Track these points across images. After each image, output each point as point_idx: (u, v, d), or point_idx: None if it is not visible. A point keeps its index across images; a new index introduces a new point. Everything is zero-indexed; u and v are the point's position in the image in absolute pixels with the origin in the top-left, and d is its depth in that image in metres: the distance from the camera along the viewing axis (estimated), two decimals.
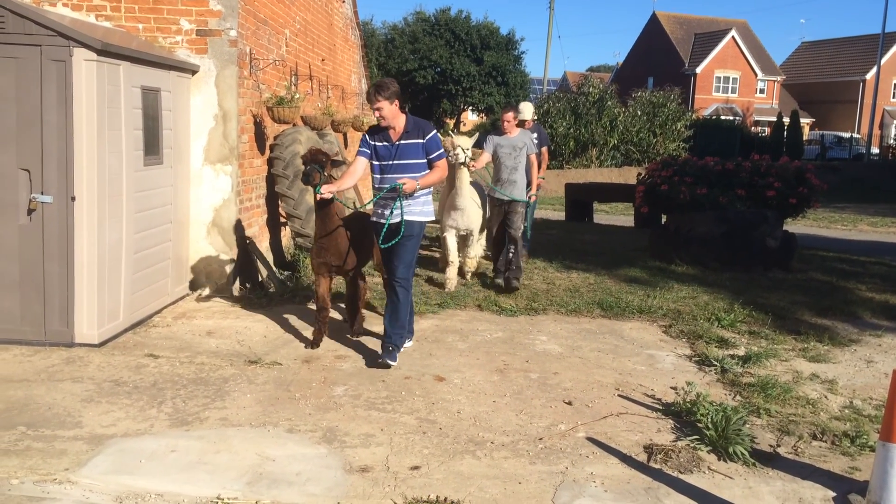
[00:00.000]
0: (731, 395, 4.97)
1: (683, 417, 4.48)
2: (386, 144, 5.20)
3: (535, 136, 8.48)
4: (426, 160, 5.23)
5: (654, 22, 50.19)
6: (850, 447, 4.13)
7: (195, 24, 6.80)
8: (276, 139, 7.93)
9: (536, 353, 5.75)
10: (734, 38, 46.46)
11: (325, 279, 5.69)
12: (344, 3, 12.31)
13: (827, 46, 51.84)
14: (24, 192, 5.27)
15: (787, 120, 35.28)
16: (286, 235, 8.71)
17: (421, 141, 5.19)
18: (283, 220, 8.41)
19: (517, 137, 7.67)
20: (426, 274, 8.32)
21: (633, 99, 30.02)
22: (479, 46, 39.35)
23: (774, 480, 3.77)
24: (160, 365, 5.14)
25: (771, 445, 4.16)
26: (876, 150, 40.51)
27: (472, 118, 49.77)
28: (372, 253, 6.01)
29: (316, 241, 5.61)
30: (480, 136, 8.37)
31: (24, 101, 5.19)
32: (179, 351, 5.47)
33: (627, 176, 24.14)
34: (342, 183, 5.31)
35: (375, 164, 5.28)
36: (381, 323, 5.62)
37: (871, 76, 43.02)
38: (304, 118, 8.86)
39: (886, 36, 37.76)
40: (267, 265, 7.70)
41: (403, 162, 5.18)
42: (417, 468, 3.75)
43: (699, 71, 46.24)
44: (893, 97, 47.70)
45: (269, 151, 7.95)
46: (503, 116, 7.74)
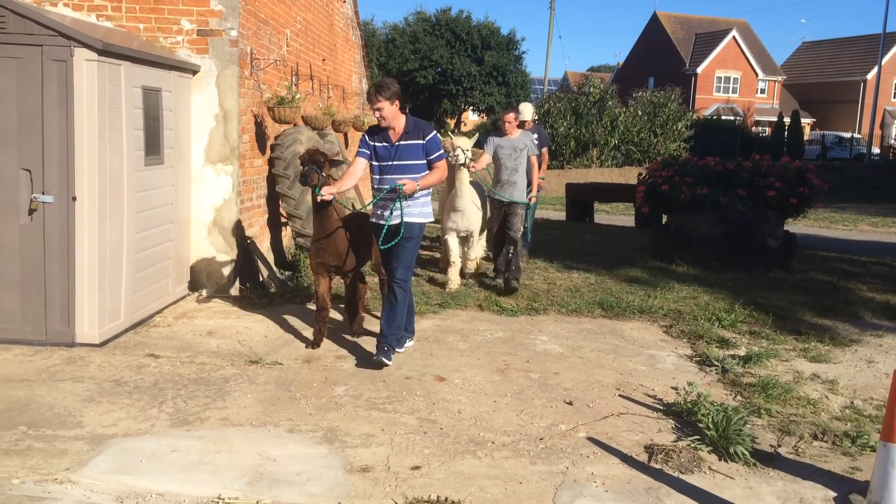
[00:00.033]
0: (731, 395, 4.97)
1: (684, 417, 4.48)
2: (385, 145, 5.19)
3: (535, 136, 8.48)
4: (426, 161, 5.22)
5: (654, 22, 50.17)
6: (850, 447, 4.13)
7: (196, 24, 6.80)
8: (276, 139, 7.93)
9: (537, 353, 5.75)
10: (735, 38, 46.43)
11: (324, 279, 5.69)
12: (345, 2, 12.31)
13: (828, 46, 51.80)
14: (25, 192, 5.28)
15: (787, 120, 35.24)
16: (287, 235, 8.71)
17: (421, 142, 5.17)
18: (283, 220, 8.41)
19: (518, 139, 7.66)
20: (427, 274, 8.33)
21: (633, 99, 30.04)
22: (479, 46, 39.39)
23: (775, 480, 3.77)
24: (161, 365, 5.15)
25: (772, 445, 4.16)
26: (877, 150, 40.47)
27: (472, 118, 49.80)
28: (370, 253, 6.00)
29: (314, 241, 5.60)
30: (481, 136, 8.36)
31: (25, 101, 5.19)
32: (180, 351, 5.47)
33: (628, 176, 24.15)
34: (342, 184, 5.30)
35: (375, 164, 5.26)
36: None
37: (871, 76, 42.97)
38: (304, 118, 8.87)
39: (887, 36, 37.71)
40: (268, 265, 7.71)
41: (403, 163, 5.17)
42: (418, 468, 3.75)
43: (700, 71, 46.23)
44: (894, 97, 47.66)
45: (269, 151, 7.96)
46: (504, 117, 7.72)
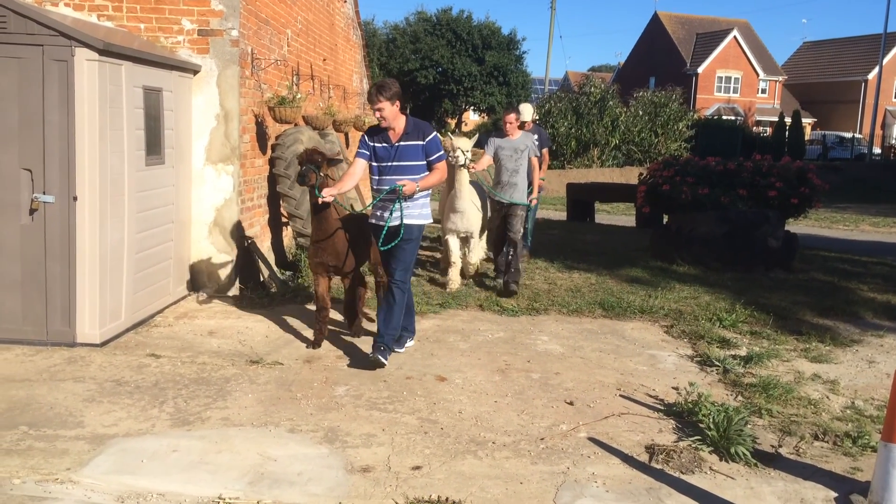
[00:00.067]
0: (732, 395, 4.96)
1: (685, 418, 4.47)
2: (385, 146, 5.18)
3: (535, 137, 8.48)
4: (426, 162, 5.21)
5: (655, 22, 50.17)
6: (851, 447, 4.13)
7: (197, 23, 6.80)
8: (277, 139, 7.93)
9: (538, 353, 5.75)
10: (736, 38, 46.42)
11: (323, 279, 5.68)
12: (345, 2, 12.31)
13: (829, 46, 51.78)
14: (25, 191, 5.28)
15: (788, 120, 35.26)
16: (288, 235, 8.71)
17: (421, 143, 5.16)
18: (284, 220, 8.41)
19: (519, 140, 7.65)
20: (428, 274, 8.33)
21: (634, 99, 30.04)
22: (480, 46, 39.40)
23: (776, 481, 3.76)
24: (162, 365, 5.15)
25: (773, 446, 4.16)
26: (878, 150, 40.50)
27: (473, 118, 49.81)
28: (369, 253, 5.99)
29: (313, 241, 5.59)
30: (481, 136, 8.35)
31: (25, 100, 5.19)
32: (181, 351, 5.47)
33: (629, 176, 24.13)
34: (342, 185, 5.28)
35: (374, 165, 5.24)
36: None
37: (872, 76, 42.94)
38: (305, 118, 8.87)
39: (888, 36, 37.70)
40: (268, 265, 7.71)
41: (402, 163, 5.15)
42: (419, 468, 3.75)
43: (701, 71, 46.23)
44: (895, 97, 47.64)
45: (270, 151, 7.96)
46: (505, 118, 7.71)
